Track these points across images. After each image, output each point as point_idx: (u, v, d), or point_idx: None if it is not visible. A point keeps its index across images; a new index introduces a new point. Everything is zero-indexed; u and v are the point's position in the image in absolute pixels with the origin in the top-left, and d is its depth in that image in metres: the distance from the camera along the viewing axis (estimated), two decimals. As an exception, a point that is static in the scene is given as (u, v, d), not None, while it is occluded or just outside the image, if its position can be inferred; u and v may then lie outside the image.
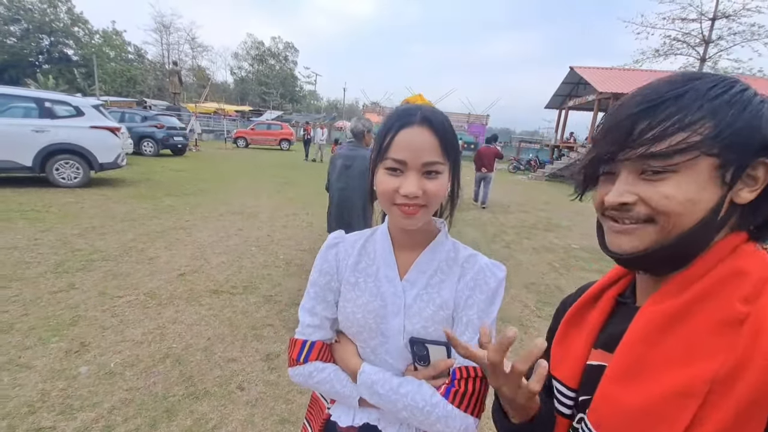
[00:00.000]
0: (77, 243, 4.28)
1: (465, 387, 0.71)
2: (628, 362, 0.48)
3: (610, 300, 0.60)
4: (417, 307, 0.76)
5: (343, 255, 0.83)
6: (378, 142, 0.74)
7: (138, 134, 12.83)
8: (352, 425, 0.80)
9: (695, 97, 0.46)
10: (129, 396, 2.10)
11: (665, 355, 0.46)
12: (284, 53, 55.46)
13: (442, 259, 0.78)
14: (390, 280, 0.78)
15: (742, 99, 0.46)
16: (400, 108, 0.75)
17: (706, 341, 0.44)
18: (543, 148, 27.66)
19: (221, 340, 2.71)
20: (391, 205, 0.71)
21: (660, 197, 0.47)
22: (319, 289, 0.83)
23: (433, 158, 0.69)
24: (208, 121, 27.03)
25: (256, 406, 2.13)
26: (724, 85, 0.47)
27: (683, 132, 0.46)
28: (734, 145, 0.45)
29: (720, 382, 0.41)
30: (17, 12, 33.17)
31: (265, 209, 6.83)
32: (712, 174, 0.46)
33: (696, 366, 0.43)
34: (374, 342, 0.78)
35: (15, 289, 3.12)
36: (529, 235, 6.63)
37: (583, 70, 18.87)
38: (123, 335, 2.65)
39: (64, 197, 6.33)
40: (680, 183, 0.47)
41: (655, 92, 0.49)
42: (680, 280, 0.49)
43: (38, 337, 2.53)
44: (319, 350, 0.80)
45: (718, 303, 0.45)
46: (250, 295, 3.43)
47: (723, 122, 0.45)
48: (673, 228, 0.48)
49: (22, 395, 2.03)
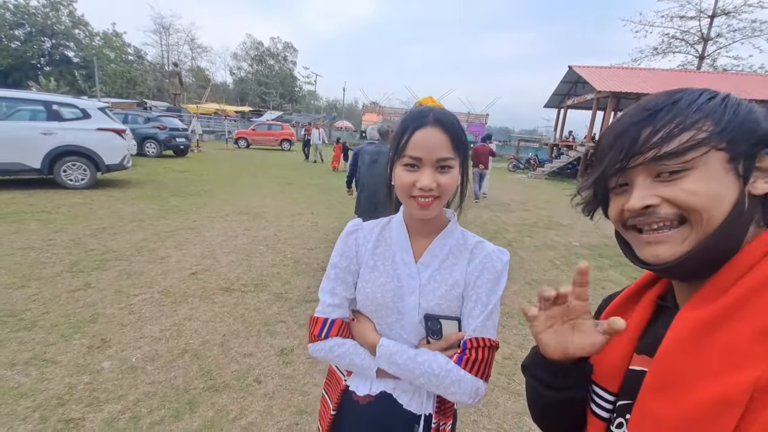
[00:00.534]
0: (90, 243, 4.38)
1: (475, 355, 0.80)
2: (667, 372, 0.47)
3: (650, 303, 0.59)
4: (431, 287, 0.85)
5: (362, 240, 0.93)
6: (395, 141, 0.82)
7: (141, 135, 12.93)
8: (369, 393, 0.90)
9: (689, 102, 0.49)
10: (152, 389, 2.20)
11: (704, 364, 0.44)
12: (283, 53, 55.52)
13: (453, 245, 0.88)
14: (406, 263, 0.88)
15: (731, 102, 0.49)
16: (415, 110, 0.84)
17: (746, 348, 0.42)
18: (542, 147, 27.73)
19: (236, 335, 2.81)
20: (409, 197, 0.81)
21: (686, 194, 0.48)
22: (339, 271, 0.91)
23: (445, 154, 0.78)
24: (208, 121, 27.12)
25: (273, 398, 2.22)
26: (710, 94, 0.50)
27: (688, 131, 0.47)
28: (739, 137, 0.47)
29: (762, 390, 0.39)
30: (22, 17, 33.29)
31: (270, 209, 6.92)
32: (725, 167, 0.47)
33: (737, 374, 0.41)
34: (391, 319, 0.88)
35: (34, 288, 3.21)
36: (531, 233, 6.72)
37: (582, 69, 18.94)
38: (142, 332, 2.75)
39: (73, 198, 6.42)
40: (700, 178, 0.47)
41: (650, 102, 0.51)
42: (717, 283, 0.48)
43: (61, 334, 2.62)
44: (339, 327, 0.89)
45: (758, 308, 0.43)
46: (261, 292, 3.52)
47: (723, 119, 0.47)
48: (707, 224, 0.48)
49: (51, 389, 2.12)
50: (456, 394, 0.79)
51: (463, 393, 0.79)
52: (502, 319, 3.38)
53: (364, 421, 0.91)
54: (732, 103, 0.49)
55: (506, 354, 2.84)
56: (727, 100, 0.49)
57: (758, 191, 0.48)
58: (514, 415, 2.24)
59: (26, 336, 2.57)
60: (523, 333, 3.16)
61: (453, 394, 0.80)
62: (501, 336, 3.10)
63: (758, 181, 0.48)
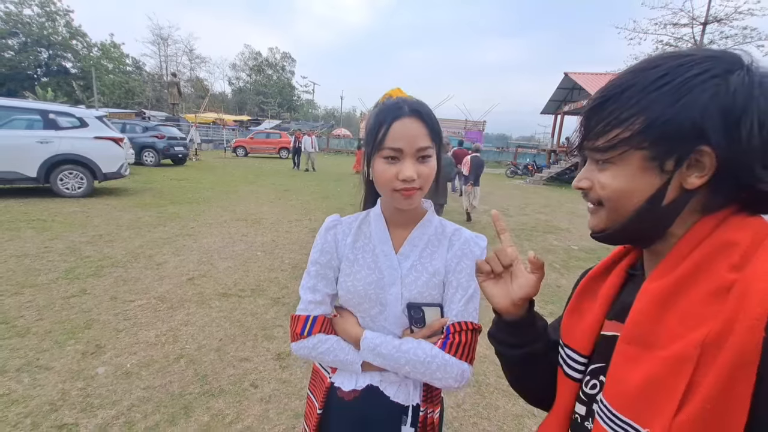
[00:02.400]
0: (86, 250, 4.35)
1: (459, 338, 0.81)
2: (635, 339, 0.50)
3: (621, 272, 0.63)
4: (412, 276, 0.85)
5: (341, 235, 0.92)
6: (372, 134, 0.80)
7: (139, 144, 12.95)
8: (355, 388, 0.89)
9: (635, 91, 0.50)
10: (146, 394, 2.16)
11: (666, 329, 0.48)
12: (281, 63, 56.02)
13: (432, 234, 0.89)
14: (386, 254, 0.87)
15: (685, 87, 0.47)
16: (388, 102, 0.82)
17: (698, 311, 0.46)
18: (540, 153, 27.89)
19: (233, 340, 2.77)
20: (392, 191, 0.80)
21: (599, 186, 0.55)
22: (320, 267, 0.91)
23: (424, 144, 0.78)
24: (207, 131, 27.21)
25: (270, 402, 2.19)
26: (681, 71, 0.48)
27: (618, 128, 0.51)
28: (665, 136, 0.48)
29: (710, 345, 0.43)
30: (15, 26, 33.42)
31: (268, 216, 6.91)
32: (644, 165, 0.50)
33: (691, 334, 0.45)
34: (374, 311, 0.87)
35: (28, 295, 3.18)
36: (530, 237, 6.72)
37: (578, 75, 19.14)
38: (137, 337, 2.71)
39: (69, 207, 6.39)
40: (615, 173, 0.53)
41: (608, 87, 0.53)
42: (674, 255, 0.51)
43: (54, 340, 2.59)
44: (321, 324, 0.88)
45: (708, 275, 0.47)
46: (259, 297, 3.49)
47: (652, 117, 0.48)
48: (614, 212, 0.54)
49: (44, 395, 2.08)
50: (442, 380, 0.80)
51: (449, 377, 0.79)
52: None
53: (350, 417, 0.89)
54: (682, 90, 0.47)
55: (506, 356, 2.81)
56: (683, 85, 0.47)
57: (690, 186, 0.49)
58: (514, 417, 2.21)
59: (19, 343, 2.53)
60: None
61: (439, 380, 0.80)
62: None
63: (692, 176, 0.49)
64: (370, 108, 0.93)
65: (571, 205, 11.40)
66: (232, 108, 49.43)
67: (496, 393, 2.40)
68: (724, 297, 0.44)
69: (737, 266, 0.45)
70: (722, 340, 0.42)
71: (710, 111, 0.46)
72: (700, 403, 0.42)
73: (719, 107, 0.46)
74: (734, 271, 0.45)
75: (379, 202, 0.92)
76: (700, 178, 0.48)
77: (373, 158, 0.80)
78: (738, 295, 0.43)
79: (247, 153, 21.66)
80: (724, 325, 0.42)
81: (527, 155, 29.08)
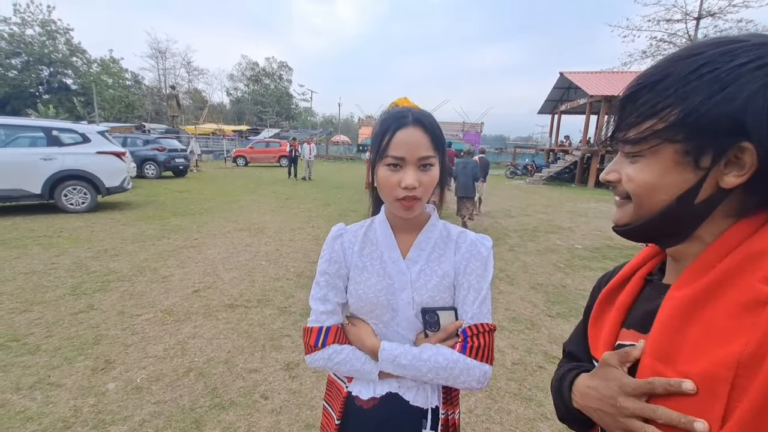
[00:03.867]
0: (92, 265, 4.37)
1: (477, 342, 0.82)
2: (660, 350, 0.47)
3: (639, 280, 0.60)
4: (422, 280, 0.86)
5: (348, 244, 0.93)
6: (376, 142, 0.82)
7: (140, 158, 13.03)
8: (374, 396, 0.89)
9: (673, 81, 0.46)
10: (157, 409, 2.17)
11: (693, 342, 0.44)
12: (279, 72, 56.34)
13: (437, 237, 0.90)
14: (394, 260, 0.88)
15: (727, 78, 0.43)
16: (392, 111, 0.84)
17: (726, 324, 0.42)
18: (538, 153, 27.91)
19: (241, 351, 2.78)
20: (394, 200, 0.82)
21: (626, 179, 0.52)
22: (329, 277, 0.91)
23: (427, 153, 0.80)
24: (207, 141, 27.36)
25: (281, 413, 2.19)
26: (721, 61, 0.44)
27: (651, 119, 0.47)
28: (701, 131, 0.45)
29: (744, 366, 0.39)
30: (18, 46, 33.83)
31: (271, 225, 6.93)
32: (678, 160, 0.47)
33: (720, 351, 0.41)
34: (386, 317, 0.88)
35: (37, 312, 3.19)
36: (533, 237, 6.71)
37: (573, 75, 19.20)
38: (145, 352, 2.72)
39: (74, 222, 6.43)
40: (644, 167, 0.50)
41: (646, 74, 0.50)
42: (703, 261, 0.48)
43: (64, 357, 2.60)
44: (335, 334, 0.89)
45: (740, 285, 0.43)
46: (265, 307, 3.50)
47: (688, 108, 0.45)
48: (641, 207, 0.51)
49: (56, 412, 2.09)
50: (466, 382, 0.81)
51: (473, 380, 0.80)
52: (510, 324, 3.35)
53: (370, 425, 0.90)
54: (723, 81, 0.43)
55: (515, 360, 2.80)
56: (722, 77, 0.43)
57: (726, 185, 0.45)
58: (526, 420, 2.20)
59: (30, 360, 2.54)
60: (531, 338, 3.12)
61: (463, 383, 0.81)
62: (509, 341, 3.07)
63: (730, 175, 0.45)
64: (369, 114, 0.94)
65: (572, 204, 11.39)
66: (231, 118, 49.69)
67: (507, 397, 2.39)
68: (758, 311, 0.40)
69: None
70: (760, 359, 0.38)
71: (755, 104, 0.42)
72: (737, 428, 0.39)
73: (766, 101, 0.42)
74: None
75: (383, 209, 0.93)
76: (738, 177, 0.44)
77: (378, 165, 0.83)
78: None
79: (248, 162, 21.75)
80: (760, 343, 0.39)
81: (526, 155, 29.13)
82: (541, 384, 2.51)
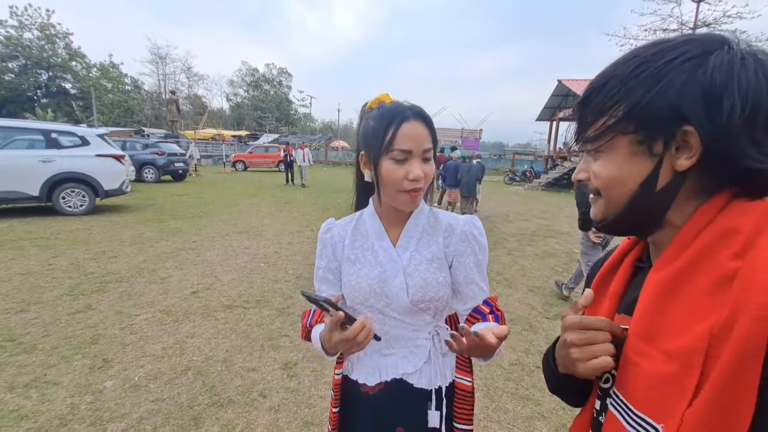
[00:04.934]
0: (90, 266, 4.36)
1: (501, 309, 0.92)
2: (644, 332, 0.50)
3: (628, 266, 0.63)
4: (413, 266, 0.89)
5: (337, 237, 0.96)
6: (378, 137, 0.81)
7: (139, 161, 13.04)
8: (380, 381, 0.91)
9: (616, 82, 0.51)
10: (155, 407, 2.16)
11: (672, 321, 0.47)
12: (278, 78, 56.65)
13: (426, 224, 0.93)
14: (385, 249, 0.91)
15: (660, 73, 0.48)
16: (389, 106, 0.84)
17: (703, 302, 0.45)
18: (537, 159, 28.05)
19: (239, 351, 2.77)
20: (399, 192, 0.83)
21: (592, 176, 0.56)
22: (321, 271, 0.97)
23: (429, 145, 0.83)
24: (206, 146, 27.39)
25: (279, 411, 2.18)
26: (656, 57, 0.49)
27: (603, 117, 0.52)
28: (648, 119, 0.49)
29: (716, 337, 0.42)
30: (15, 49, 33.86)
31: (270, 228, 6.93)
32: (633, 150, 0.51)
33: (697, 325, 0.44)
34: (380, 304, 0.90)
35: (34, 312, 3.18)
36: (531, 241, 6.74)
37: (571, 82, 19.40)
38: (143, 351, 2.71)
39: (72, 224, 6.42)
40: (605, 161, 0.53)
41: (594, 80, 0.55)
42: (676, 244, 0.51)
43: (61, 356, 2.59)
44: (320, 314, 0.94)
45: (711, 263, 0.46)
46: (263, 308, 3.50)
47: (632, 102, 0.49)
48: (610, 200, 0.54)
49: (53, 410, 2.08)
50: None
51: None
52: (508, 325, 3.35)
53: (375, 410, 0.91)
54: (658, 76, 0.48)
55: (513, 360, 2.81)
56: (658, 72, 0.48)
57: (680, 168, 0.49)
58: (524, 419, 2.20)
59: (26, 359, 2.53)
60: (529, 339, 3.13)
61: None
62: (507, 342, 3.03)
63: (682, 158, 0.49)
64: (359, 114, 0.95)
65: (570, 209, 11.42)
66: (231, 123, 49.83)
67: (504, 396, 2.40)
68: (728, 286, 0.43)
69: (739, 254, 0.45)
70: (728, 331, 0.41)
71: (687, 92, 0.47)
72: (709, 394, 0.42)
73: (697, 88, 0.46)
74: (736, 260, 0.44)
75: (372, 202, 0.95)
76: (689, 159, 0.48)
77: (381, 160, 0.82)
78: (741, 284, 0.42)
79: (247, 167, 21.77)
80: (729, 315, 0.42)
81: (524, 162, 29.24)
82: (538, 384, 2.51)
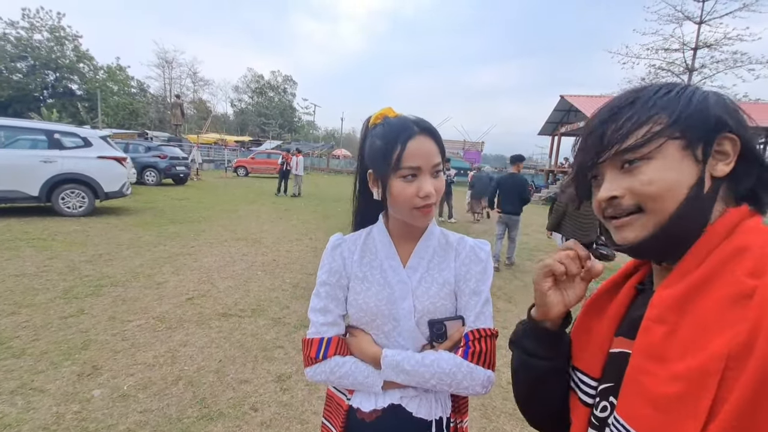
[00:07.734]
0: (85, 269, 4.31)
1: (479, 346, 0.81)
2: (650, 349, 0.48)
3: (630, 288, 0.61)
4: (423, 288, 0.85)
5: (347, 253, 0.91)
6: (386, 155, 0.78)
7: (141, 164, 13.05)
8: (375, 408, 0.85)
9: (645, 99, 0.53)
10: (143, 418, 2.09)
11: (681, 340, 0.45)
12: (283, 86, 57.12)
13: (436, 245, 0.89)
14: (394, 269, 0.87)
15: (685, 94, 0.53)
16: (394, 122, 0.81)
17: (718, 318, 0.44)
18: (538, 174, 28.11)
19: (232, 362, 2.71)
20: (411, 209, 0.79)
21: (642, 184, 0.52)
22: (330, 288, 0.89)
23: (437, 160, 0.80)
24: (208, 151, 27.46)
25: (270, 426, 2.12)
26: (668, 88, 0.54)
27: (645, 126, 0.52)
28: (693, 125, 0.51)
29: (734, 358, 0.40)
30: (24, 50, 34.20)
31: (269, 235, 6.88)
32: (682, 154, 0.51)
33: (710, 345, 0.43)
34: (387, 327, 0.85)
35: (25, 315, 3.12)
36: (532, 257, 6.69)
37: (573, 98, 19.55)
38: (134, 358, 2.65)
39: (70, 226, 6.37)
40: (657, 168, 0.51)
41: (614, 102, 0.57)
42: (687, 262, 0.50)
43: (50, 362, 2.53)
44: (336, 345, 0.86)
45: (725, 280, 0.45)
46: (259, 317, 3.44)
47: (676, 111, 0.51)
48: (662, 210, 0.52)
49: (37, 418, 2.02)
50: (469, 387, 0.79)
51: (477, 384, 0.79)
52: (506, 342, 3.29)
53: None
54: (687, 93, 0.53)
55: (512, 378, 2.74)
56: (682, 92, 0.53)
57: (718, 173, 0.51)
58: (523, 442, 2.13)
59: (13, 364, 2.47)
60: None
61: (466, 388, 0.79)
62: (505, 360, 2.99)
63: (719, 164, 0.52)
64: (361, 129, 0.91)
65: (571, 225, 11.37)
66: (234, 129, 50.09)
67: (503, 417, 2.33)
68: (745, 304, 0.42)
69: (754, 273, 0.44)
70: (747, 352, 0.40)
71: (720, 105, 0.52)
72: (728, 421, 0.39)
73: (722, 105, 0.52)
74: (753, 277, 0.43)
75: (381, 218, 0.91)
76: (727, 164, 0.51)
77: (390, 179, 0.79)
78: (760, 303, 0.41)
79: (248, 173, 21.79)
80: (749, 336, 0.40)
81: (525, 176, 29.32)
82: (538, 405, 2.44)
